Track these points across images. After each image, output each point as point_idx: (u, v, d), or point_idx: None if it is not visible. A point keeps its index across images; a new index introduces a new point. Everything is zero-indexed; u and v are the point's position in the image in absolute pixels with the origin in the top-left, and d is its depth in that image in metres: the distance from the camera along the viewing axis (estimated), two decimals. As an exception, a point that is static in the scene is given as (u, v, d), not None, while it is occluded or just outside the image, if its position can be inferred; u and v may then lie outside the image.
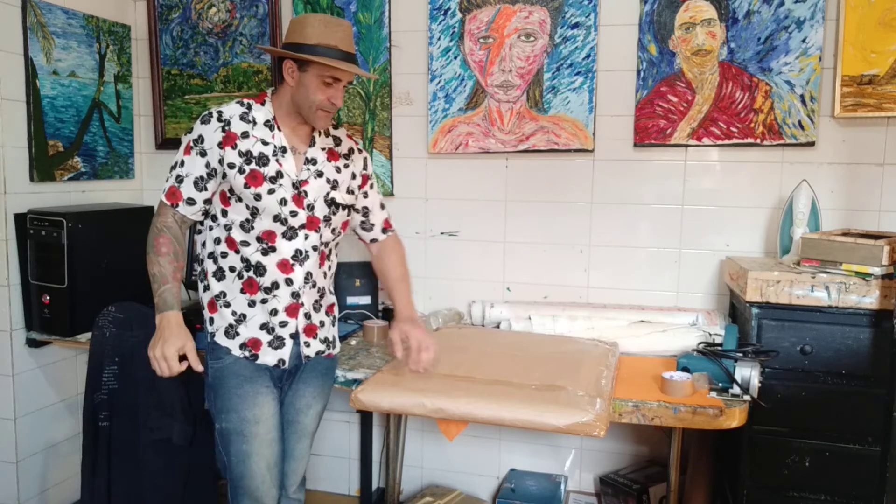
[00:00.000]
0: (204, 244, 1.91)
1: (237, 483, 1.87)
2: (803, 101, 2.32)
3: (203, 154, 1.79)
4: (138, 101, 3.01)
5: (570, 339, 2.28)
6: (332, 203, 1.90)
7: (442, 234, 2.75)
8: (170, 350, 1.76)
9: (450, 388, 1.83)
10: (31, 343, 2.51)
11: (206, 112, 1.82)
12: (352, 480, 2.91)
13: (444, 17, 2.61)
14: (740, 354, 1.88)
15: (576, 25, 2.50)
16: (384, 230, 2.11)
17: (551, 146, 2.56)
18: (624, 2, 2.46)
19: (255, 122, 1.81)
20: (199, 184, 1.80)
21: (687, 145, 2.45)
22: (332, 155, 1.93)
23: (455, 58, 2.62)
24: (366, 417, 2.69)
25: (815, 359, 1.99)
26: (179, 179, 1.81)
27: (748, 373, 1.83)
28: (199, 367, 1.80)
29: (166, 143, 2.99)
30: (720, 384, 1.87)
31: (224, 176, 1.80)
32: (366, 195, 2.05)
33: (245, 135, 1.79)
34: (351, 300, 2.65)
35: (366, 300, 2.66)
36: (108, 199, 2.85)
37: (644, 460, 2.60)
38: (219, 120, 1.79)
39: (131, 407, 2.26)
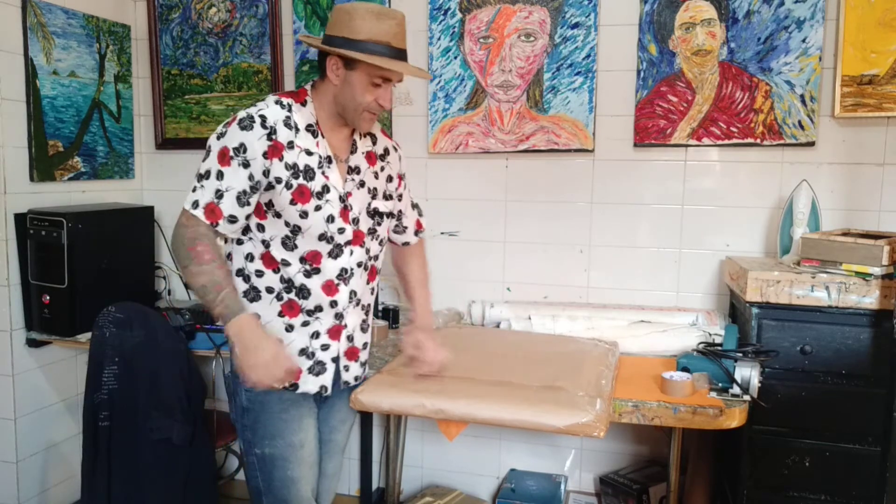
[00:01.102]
0: (230, 257, 1.71)
1: None
2: (803, 101, 2.32)
3: (246, 165, 1.56)
4: (138, 101, 3.01)
5: (570, 339, 2.28)
6: (374, 213, 1.75)
7: (442, 234, 2.75)
8: (267, 354, 1.56)
9: (450, 388, 1.83)
10: (31, 343, 2.51)
11: (244, 115, 1.58)
12: (352, 480, 2.91)
13: (444, 17, 2.61)
14: (740, 354, 1.88)
15: (576, 25, 2.50)
16: (416, 232, 1.98)
17: (551, 146, 2.56)
18: (624, 2, 2.46)
19: (297, 129, 1.61)
20: (242, 199, 1.58)
21: (687, 145, 2.45)
22: (370, 159, 1.76)
23: (455, 58, 2.62)
24: (366, 417, 2.68)
25: (815, 359, 1.98)
26: (219, 195, 1.57)
27: (748, 373, 1.82)
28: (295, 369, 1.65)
29: (166, 143, 2.99)
30: (720, 384, 1.87)
31: (269, 188, 1.59)
32: (400, 197, 1.89)
33: (291, 145, 1.59)
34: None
35: (366, 300, 2.66)
36: (108, 199, 2.85)
37: (644, 460, 2.60)
38: (263, 126, 1.56)
39: (131, 407, 2.26)
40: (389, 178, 1.83)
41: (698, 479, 2.30)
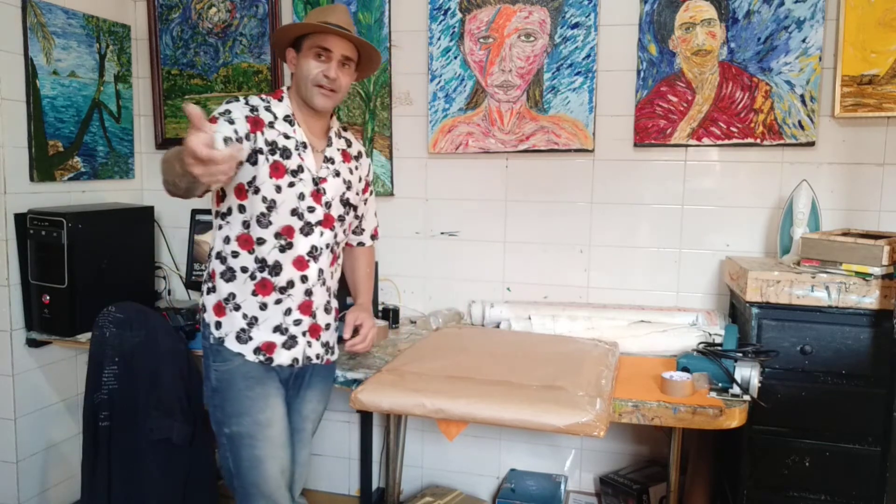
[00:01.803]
0: (212, 244, 1.87)
1: (249, 490, 1.80)
2: (803, 101, 2.32)
3: (231, 122, 1.71)
4: (138, 101, 3.01)
5: (570, 339, 2.28)
6: (346, 203, 1.92)
7: (442, 234, 2.75)
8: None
9: (450, 388, 1.83)
10: (31, 343, 2.51)
11: (231, 97, 1.81)
12: (352, 480, 2.91)
13: (444, 17, 2.61)
14: (740, 354, 1.87)
15: (576, 25, 2.50)
16: (372, 237, 2.15)
17: (551, 146, 2.56)
18: (624, 2, 2.46)
19: (276, 116, 1.81)
20: (228, 142, 1.65)
21: (687, 145, 2.45)
22: (345, 156, 1.94)
23: (455, 58, 2.62)
24: (366, 417, 2.68)
25: (815, 359, 1.98)
26: None
27: (748, 373, 1.82)
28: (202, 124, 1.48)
29: (166, 143, 2.99)
30: (720, 384, 1.87)
31: (252, 161, 1.73)
32: (365, 201, 2.07)
33: (271, 125, 1.78)
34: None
35: (366, 300, 2.66)
36: (108, 199, 2.85)
37: (644, 460, 2.60)
38: (246, 104, 1.77)
39: (131, 407, 2.26)
40: (360, 179, 2.00)
41: (698, 479, 2.30)
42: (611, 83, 2.51)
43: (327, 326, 1.94)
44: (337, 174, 1.89)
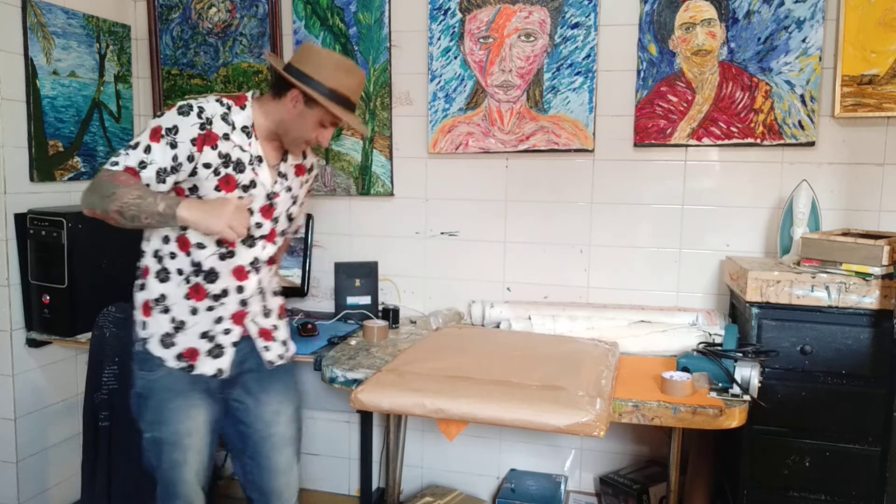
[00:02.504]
0: (149, 239, 1.80)
1: (168, 489, 1.86)
2: (803, 101, 2.32)
3: (174, 146, 1.66)
4: (138, 101, 3.01)
5: (570, 339, 2.28)
6: (289, 218, 1.92)
7: (442, 234, 2.75)
8: (241, 212, 1.67)
9: (450, 388, 1.83)
10: (31, 343, 2.51)
11: (185, 103, 1.71)
12: (352, 480, 2.91)
13: (444, 17, 2.61)
14: (740, 354, 1.87)
15: (576, 25, 2.50)
16: (295, 232, 2.14)
17: (551, 146, 2.56)
18: (624, 2, 2.46)
19: (234, 126, 1.74)
20: (161, 175, 1.66)
21: (687, 145, 2.45)
22: (298, 170, 1.91)
23: (455, 58, 2.62)
24: (366, 417, 2.68)
25: (815, 359, 1.99)
26: (142, 165, 1.65)
27: (748, 373, 1.82)
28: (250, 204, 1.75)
29: (166, 143, 2.98)
30: (720, 384, 1.87)
31: (193, 174, 1.70)
32: (301, 205, 2.04)
33: (226, 137, 1.72)
34: (351, 300, 2.65)
35: (366, 300, 2.66)
36: (108, 199, 2.84)
37: (644, 460, 2.60)
38: (199, 116, 1.69)
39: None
40: (307, 192, 2.01)
41: (698, 479, 2.30)
42: (611, 83, 2.51)
43: (275, 327, 1.93)
44: (288, 189, 1.87)
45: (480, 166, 2.67)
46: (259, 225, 1.80)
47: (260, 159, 1.78)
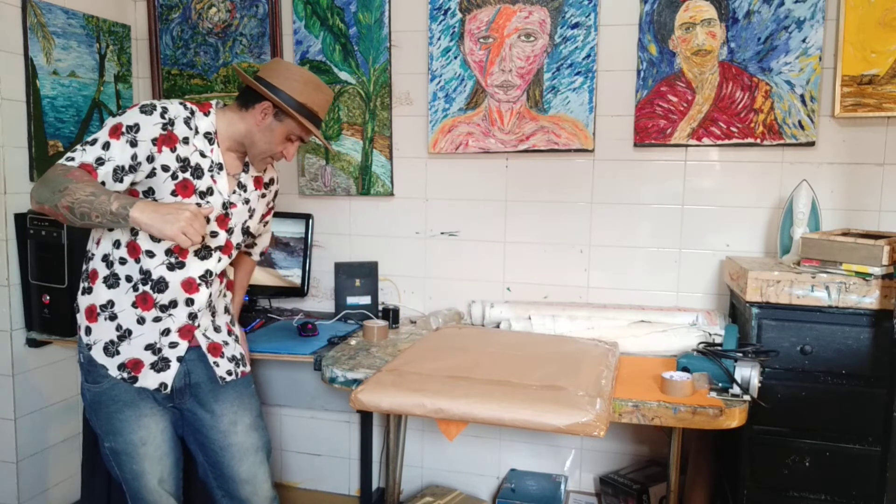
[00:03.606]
0: (98, 242, 1.76)
1: (135, 498, 1.86)
2: (803, 101, 2.32)
3: (134, 144, 1.62)
4: (138, 101, 3.00)
5: (570, 339, 2.28)
6: (246, 231, 1.89)
7: (442, 234, 2.75)
8: (198, 218, 1.53)
9: (450, 388, 1.83)
10: (31, 343, 2.51)
11: (148, 102, 1.68)
12: (352, 480, 2.91)
13: (444, 17, 2.61)
14: (740, 354, 1.87)
15: (576, 25, 2.50)
16: (261, 254, 2.17)
17: (551, 146, 2.56)
18: (624, 2, 2.46)
19: (196, 131, 1.73)
20: (119, 173, 1.62)
21: (687, 145, 2.45)
22: (257, 183, 1.90)
23: (455, 58, 2.62)
24: (366, 417, 2.68)
25: (815, 359, 1.98)
26: (100, 162, 1.60)
27: (748, 373, 1.82)
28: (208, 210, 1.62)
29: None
30: (720, 384, 1.87)
31: (151, 175, 1.66)
32: (265, 223, 2.06)
33: (186, 140, 1.70)
34: (351, 300, 2.65)
35: (366, 300, 2.66)
36: (108, 199, 2.85)
37: (644, 460, 2.60)
38: (162, 116, 1.66)
39: (131, 407, 2.26)
40: (266, 206, 1.99)
41: (698, 479, 2.30)
42: (611, 83, 2.51)
43: (226, 343, 1.90)
44: (246, 202, 1.85)
45: (480, 166, 2.67)
46: (214, 234, 1.78)
47: (220, 167, 1.77)
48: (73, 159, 1.60)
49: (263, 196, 1.95)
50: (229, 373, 1.89)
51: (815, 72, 2.30)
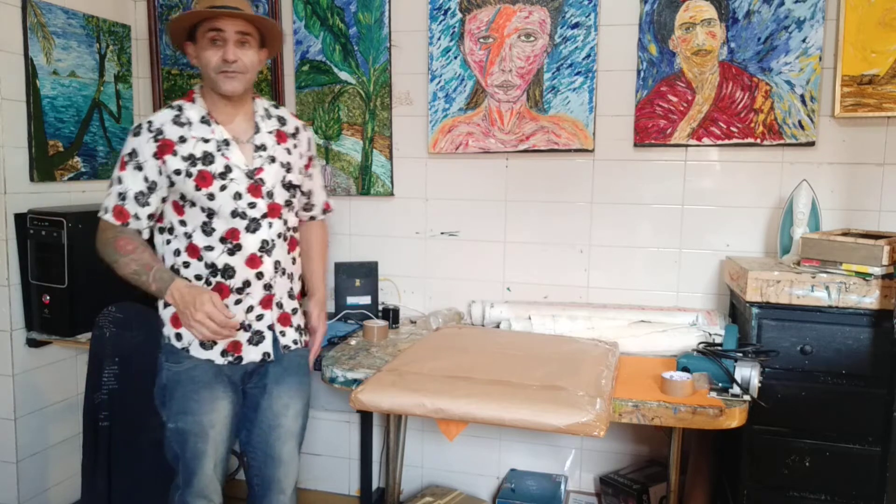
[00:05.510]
0: (163, 258, 1.86)
1: (189, 481, 1.87)
2: (803, 101, 2.32)
3: (139, 168, 1.75)
4: (138, 101, 3.01)
5: (570, 339, 2.28)
6: (290, 186, 1.89)
7: (442, 234, 2.75)
8: (208, 305, 1.69)
9: (450, 388, 1.83)
10: (31, 343, 2.51)
11: (136, 125, 1.80)
12: (352, 480, 2.91)
13: (444, 17, 2.61)
14: (740, 354, 1.87)
15: (576, 25, 2.50)
16: (324, 211, 2.14)
17: (551, 146, 2.56)
18: (624, 2, 2.46)
19: (190, 123, 1.78)
20: (141, 199, 1.76)
21: (687, 145, 2.45)
22: (280, 137, 1.90)
23: (455, 58, 2.62)
24: (366, 417, 2.68)
25: (815, 359, 1.98)
26: (122, 197, 1.76)
27: (748, 373, 1.82)
28: (228, 314, 1.75)
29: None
30: (720, 384, 1.87)
31: (172, 185, 1.76)
32: (310, 176, 2.03)
33: (182, 139, 1.76)
34: (351, 300, 2.65)
35: (366, 300, 2.66)
36: (108, 199, 2.85)
37: (644, 460, 2.60)
38: (149, 131, 1.76)
39: (131, 407, 2.26)
40: (300, 156, 1.96)
41: (698, 479, 2.30)
42: (611, 83, 2.51)
43: (294, 311, 1.95)
44: (273, 160, 1.85)
45: (480, 166, 2.67)
46: (252, 205, 1.80)
47: (227, 142, 1.79)
48: (107, 210, 1.77)
49: (295, 147, 1.93)
50: (294, 342, 1.95)
51: (815, 72, 2.30)
